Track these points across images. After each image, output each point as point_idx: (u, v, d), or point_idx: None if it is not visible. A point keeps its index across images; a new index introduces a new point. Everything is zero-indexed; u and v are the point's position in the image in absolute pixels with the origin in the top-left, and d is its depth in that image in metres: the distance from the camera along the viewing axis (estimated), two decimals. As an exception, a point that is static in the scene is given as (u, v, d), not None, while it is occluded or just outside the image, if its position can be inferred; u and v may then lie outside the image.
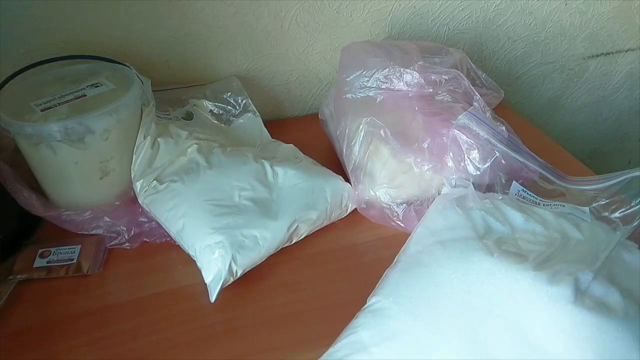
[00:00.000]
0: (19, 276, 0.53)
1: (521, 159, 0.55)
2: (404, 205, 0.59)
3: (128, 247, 0.57)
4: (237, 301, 0.52)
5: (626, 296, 0.40)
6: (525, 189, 0.56)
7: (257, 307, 0.51)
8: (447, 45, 0.71)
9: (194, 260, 0.53)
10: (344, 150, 0.61)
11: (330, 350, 0.43)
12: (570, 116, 1.09)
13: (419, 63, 0.60)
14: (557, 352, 0.37)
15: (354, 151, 0.60)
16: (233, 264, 0.51)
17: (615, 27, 0.97)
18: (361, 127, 0.59)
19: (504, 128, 0.56)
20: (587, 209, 0.53)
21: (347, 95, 0.62)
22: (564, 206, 0.54)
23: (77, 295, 0.53)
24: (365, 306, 0.45)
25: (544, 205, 0.55)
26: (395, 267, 0.48)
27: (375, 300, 0.45)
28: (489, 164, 0.55)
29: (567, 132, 1.11)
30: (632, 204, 0.50)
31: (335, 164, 0.67)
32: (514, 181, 0.56)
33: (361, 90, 0.62)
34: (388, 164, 0.58)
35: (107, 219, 0.57)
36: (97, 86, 0.59)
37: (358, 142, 0.59)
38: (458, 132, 0.55)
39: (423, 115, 0.59)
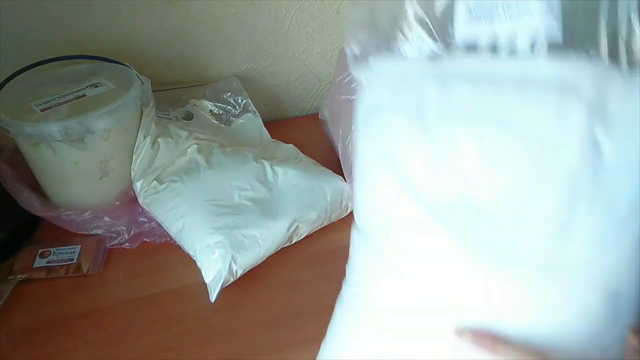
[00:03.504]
0: (19, 276, 0.53)
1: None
2: (404, 205, 0.59)
3: (128, 247, 0.57)
4: (237, 301, 0.52)
5: None
6: None
7: (257, 307, 0.51)
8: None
9: (194, 260, 0.53)
10: (344, 150, 0.61)
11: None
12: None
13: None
14: None
15: (354, 151, 0.60)
16: (233, 264, 0.51)
17: (615, 27, 0.97)
18: (361, 127, 0.59)
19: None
20: None
21: (344, 97, 0.62)
22: None
23: (77, 295, 0.53)
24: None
25: None
26: None
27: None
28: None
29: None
30: None
31: (335, 164, 0.67)
32: None
33: (360, 91, 0.61)
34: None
35: (107, 219, 0.57)
36: (97, 86, 0.59)
37: (358, 142, 0.59)
38: None
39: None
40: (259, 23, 0.76)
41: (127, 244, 0.57)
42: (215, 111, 0.73)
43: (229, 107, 0.74)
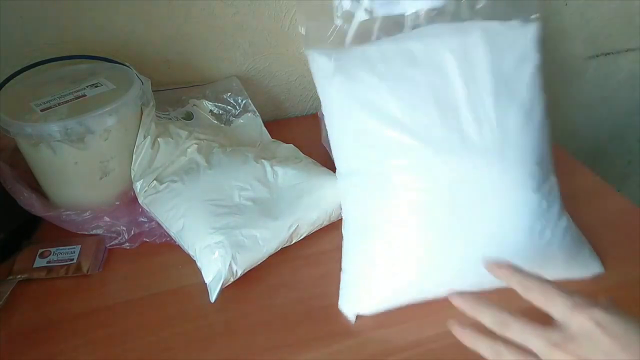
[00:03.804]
0: (19, 276, 0.53)
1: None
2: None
3: (128, 247, 0.57)
4: (237, 301, 0.52)
5: None
6: None
7: (257, 307, 0.51)
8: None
9: (194, 260, 0.53)
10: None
11: None
12: (570, 116, 1.09)
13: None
14: None
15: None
16: (233, 263, 0.51)
17: (615, 27, 0.97)
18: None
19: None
20: None
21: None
22: None
23: (77, 295, 0.53)
24: None
25: None
26: None
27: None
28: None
29: (567, 132, 1.11)
30: None
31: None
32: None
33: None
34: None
35: (107, 219, 0.57)
36: (97, 86, 0.59)
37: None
38: None
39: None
40: (259, 23, 0.76)
41: (127, 244, 0.57)
42: (215, 111, 0.73)
43: (229, 107, 0.74)
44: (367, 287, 0.49)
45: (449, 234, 0.47)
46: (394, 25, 0.51)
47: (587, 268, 0.52)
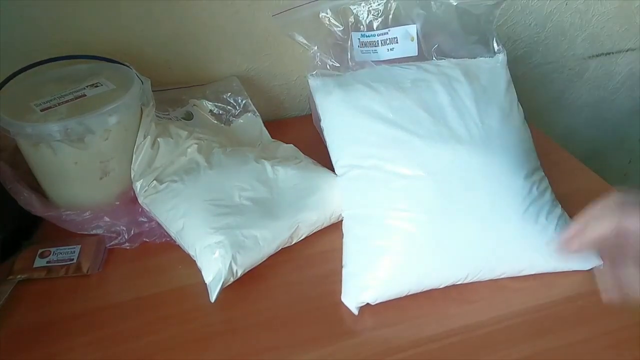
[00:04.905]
0: (19, 276, 0.53)
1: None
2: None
3: (128, 247, 0.57)
4: (237, 301, 0.52)
5: None
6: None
7: (257, 307, 0.51)
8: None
9: (194, 260, 0.53)
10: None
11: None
12: (570, 116, 1.09)
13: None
14: None
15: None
16: (233, 263, 0.51)
17: (616, 27, 0.97)
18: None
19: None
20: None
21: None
22: None
23: (77, 295, 0.53)
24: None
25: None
26: None
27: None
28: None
29: (567, 132, 1.11)
30: None
31: (335, 164, 0.67)
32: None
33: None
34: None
35: (107, 219, 0.57)
36: (97, 86, 0.59)
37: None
38: None
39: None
40: (259, 23, 0.76)
41: (127, 244, 0.57)
42: (215, 111, 0.73)
43: (229, 107, 0.74)
44: (367, 277, 0.50)
45: (445, 218, 0.50)
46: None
47: (585, 258, 0.53)
